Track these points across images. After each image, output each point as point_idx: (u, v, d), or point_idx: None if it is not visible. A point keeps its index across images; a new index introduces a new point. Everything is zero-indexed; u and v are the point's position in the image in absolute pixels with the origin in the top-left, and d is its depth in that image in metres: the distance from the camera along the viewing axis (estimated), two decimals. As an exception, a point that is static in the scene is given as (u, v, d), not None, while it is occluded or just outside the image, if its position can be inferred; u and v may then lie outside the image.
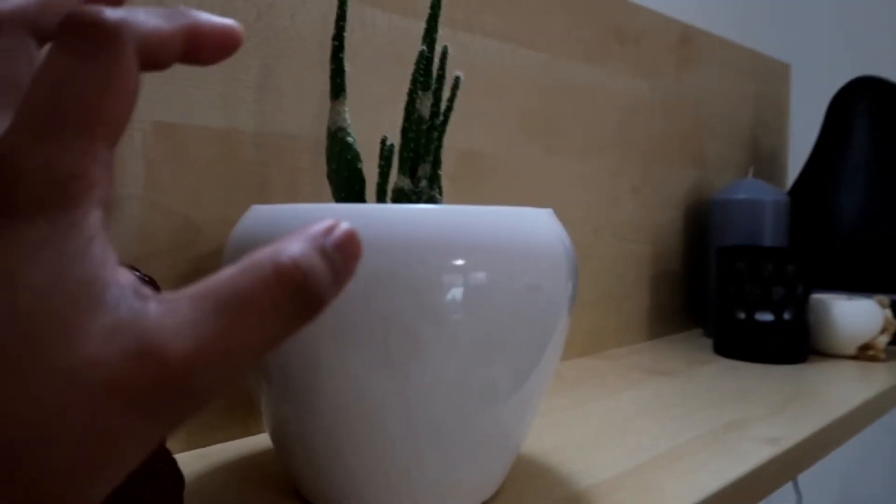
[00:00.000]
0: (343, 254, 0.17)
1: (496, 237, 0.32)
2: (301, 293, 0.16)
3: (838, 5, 1.32)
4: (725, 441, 0.46)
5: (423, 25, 0.38)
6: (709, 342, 0.80)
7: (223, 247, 0.43)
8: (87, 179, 0.15)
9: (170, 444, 0.41)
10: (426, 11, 0.37)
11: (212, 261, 0.43)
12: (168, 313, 0.14)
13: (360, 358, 0.31)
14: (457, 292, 0.31)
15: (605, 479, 0.39)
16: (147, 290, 0.15)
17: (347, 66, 0.37)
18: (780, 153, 1.10)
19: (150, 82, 0.40)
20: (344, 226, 0.17)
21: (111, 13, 0.16)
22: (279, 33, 0.46)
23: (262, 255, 0.16)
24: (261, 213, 0.34)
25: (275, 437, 0.36)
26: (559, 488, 0.38)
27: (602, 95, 0.73)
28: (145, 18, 0.17)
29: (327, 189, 0.48)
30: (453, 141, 0.58)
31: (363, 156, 0.38)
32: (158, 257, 0.40)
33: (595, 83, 0.72)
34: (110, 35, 0.16)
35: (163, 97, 0.40)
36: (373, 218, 0.30)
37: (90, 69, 0.16)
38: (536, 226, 0.34)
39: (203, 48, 0.18)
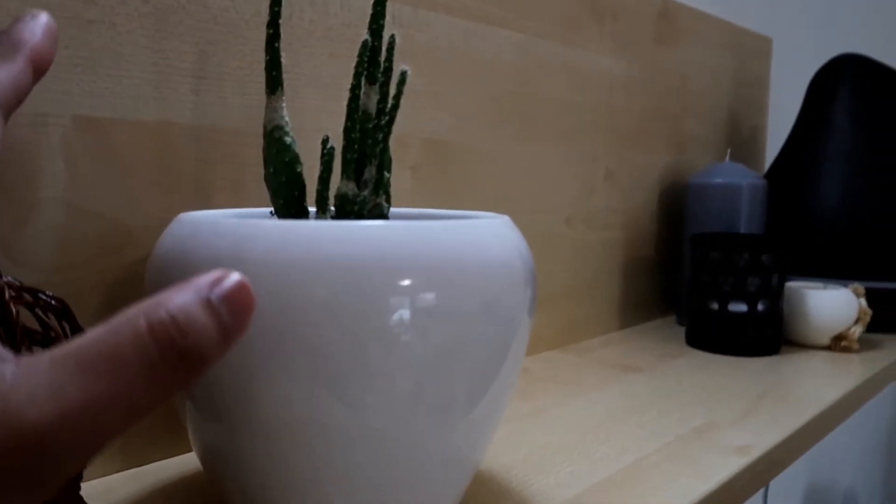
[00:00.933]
0: (232, 307, 0.16)
1: (446, 254, 0.29)
2: (177, 351, 0.14)
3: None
4: (694, 451, 0.44)
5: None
6: (681, 331, 0.79)
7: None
8: None
9: (104, 464, 0.38)
10: None
11: (142, 267, 0.39)
12: (25, 376, 0.13)
13: (300, 381, 0.28)
14: (404, 313, 0.28)
15: (566, 500, 0.37)
16: (5, 354, 0.14)
17: (284, 58, 0.33)
18: (759, 132, 1.08)
19: (68, 72, 0.36)
20: (234, 277, 0.16)
21: None
22: (217, 16, 0.42)
23: (138, 308, 0.15)
24: (183, 225, 0.31)
25: (204, 461, 0.34)
26: (517, 513, 0.36)
27: (577, 76, 0.70)
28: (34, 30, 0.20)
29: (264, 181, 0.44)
30: (416, 129, 0.54)
31: (312, 147, 0.35)
32: (83, 266, 0.37)
33: (570, 63, 0.69)
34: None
35: (83, 89, 0.36)
36: (311, 237, 0.27)
37: None
38: (490, 239, 0.31)
39: (48, 57, 0.19)
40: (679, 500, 0.38)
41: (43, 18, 0.24)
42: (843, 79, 0.82)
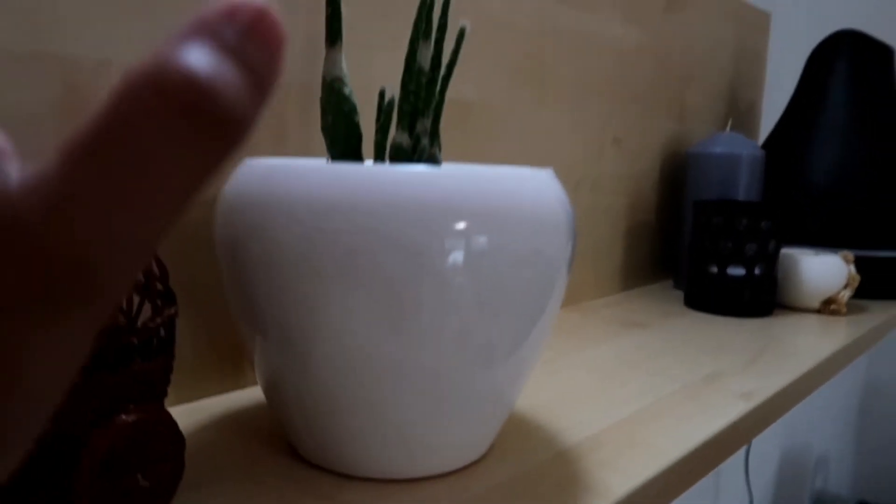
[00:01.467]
0: (256, 44, 0.12)
1: (498, 200, 0.31)
2: (201, 116, 0.11)
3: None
4: (704, 395, 0.48)
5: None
6: (679, 294, 0.82)
7: (208, 197, 0.41)
8: None
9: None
10: None
11: (197, 212, 0.41)
12: (34, 187, 0.10)
13: (360, 315, 0.30)
14: (458, 255, 0.30)
15: (592, 435, 0.40)
16: (8, 162, 0.11)
17: (345, 9, 0.35)
18: (756, 105, 1.11)
19: (128, 17, 0.37)
20: (251, 2, 0.12)
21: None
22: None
23: (140, 71, 0.11)
24: (253, 169, 0.32)
25: (269, 393, 0.36)
26: (549, 445, 0.39)
27: (591, 41, 0.72)
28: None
29: (317, 141, 0.46)
30: (441, 89, 0.56)
31: (360, 103, 0.37)
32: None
33: (584, 29, 0.70)
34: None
35: (142, 35, 0.38)
36: (374, 180, 0.29)
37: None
38: (538, 189, 0.33)
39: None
40: (693, 437, 0.41)
41: None
42: (839, 54, 0.85)
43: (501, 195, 0.32)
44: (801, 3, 1.24)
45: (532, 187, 0.33)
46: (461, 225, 0.30)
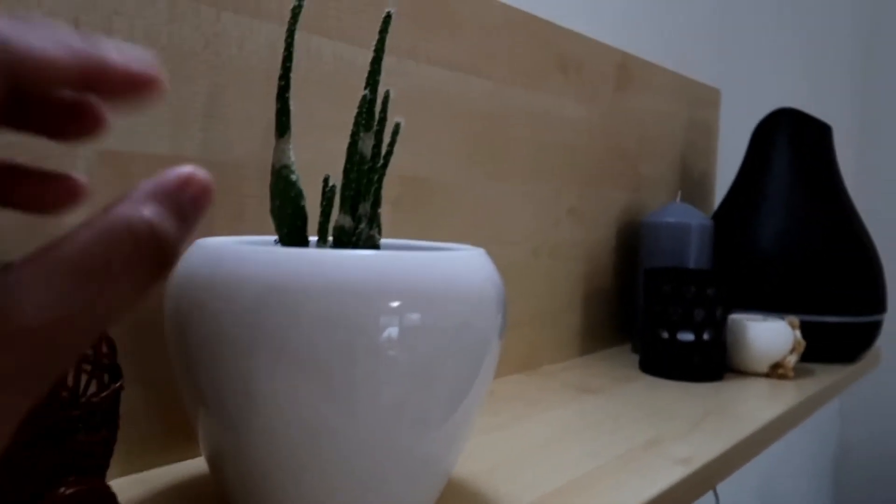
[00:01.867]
0: (196, 207, 0.17)
1: (430, 280, 0.34)
2: (156, 256, 0.16)
3: (766, 36, 1.39)
4: (643, 460, 0.50)
5: (367, 54, 0.40)
6: (636, 358, 0.85)
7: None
8: None
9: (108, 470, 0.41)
10: (371, 39, 0.38)
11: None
12: (22, 284, 0.15)
13: (297, 390, 0.32)
14: (392, 331, 0.33)
15: (532, 502, 0.42)
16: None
17: (293, 105, 0.38)
18: (709, 175, 1.16)
19: (95, 110, 0.40)
20: (200, 178, 0.17)
21: None
22: (226, 63, 0.47)
23: (116, 216, 0.16)
24: (201, 250, 0.35)
25: (211, 463, 0.38)
26: (486, 511, 0.40)
27: (544, 120, 0.76)
28: (35, 38, 0.16)
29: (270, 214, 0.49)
30: (396, 167, 0.59)
31: (307, 182, 0.40)
32: (99, 283, 0.41)
33: (537, 109, 0.75)
34: None
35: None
36: (316, 263, 0.32)
37: None
38: (468, 268, 0.36)
39: (109, 87, 0.17)
40: (630, 501, 0.43)
41: None
42: (780, 130, 0.91)
43: (433, 274, 0.34)
44: (748, 80, 1.32)
45: (462, 267, 0.36)
46: (395, 303, 0.33)
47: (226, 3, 0.46)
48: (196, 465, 0.45)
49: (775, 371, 0.77)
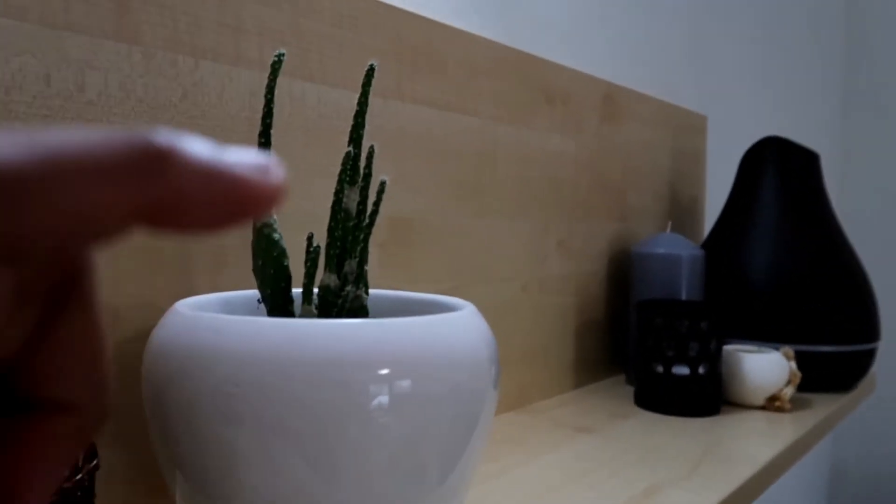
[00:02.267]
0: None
1: (419, 347, 0.32)
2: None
3: (752, 63, 1.40)
4: (642, 512, 0.48)
5: (351, 96, 0.39)
6: (630, 391, 0.83)
7: (143, 331, 0.42)
8: None
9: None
10: (354, 81, 0.37)
11: (132, 346, 0.42)
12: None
13: (281, 459, 0.31)
14: (383, 399, 0.31)
15: (527, 564, 0.40)
16: None
17: (276, 152, 0.37)
18: (697, 202, 1.16)
19: (68, 168, 0.39)
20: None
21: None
22: (206, 112, 0.45)
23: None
24: (180, 317, 0.33)
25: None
26: (482, 577, 0.39)
27: (531, 154, 0.75)
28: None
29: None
30: (383, 209, 0.58)
31: (289, 229, 0.38)
32: (73, 347, 0.39)
33: (523, 143, 0.74)
34: None
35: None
36: (300, 334, 0.30)
37: None
38: (457, 329, 0.35)
39: (188, 213, 0.13)
40: (629, 560, 0.41)
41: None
42: (767, 159, 0.91)
43: (422, 340, 0.33)
44: (734, 106, 1.32)
45: (452, 328, 0.35)
46: (384, 371, 0.31)
47: (204, 51, 0.45)
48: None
49: (772, 404, 0.76)
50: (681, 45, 1.14)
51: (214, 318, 0.32)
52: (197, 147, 0.12)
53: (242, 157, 0.13)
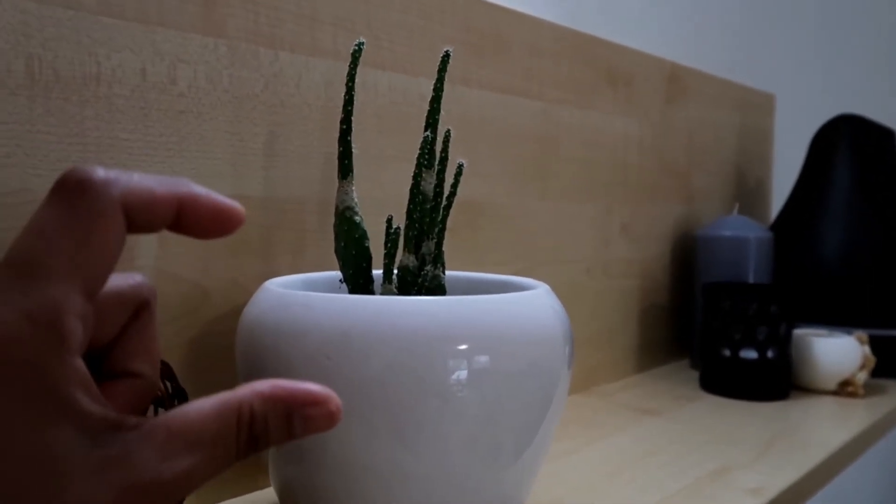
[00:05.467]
0: (308, 429, 0.20)
1: (497, 322, 0.34)
2: (255, 444, 0.20)
3: (821, 39, 1.35)
4: (711, 492, 0.48)
5: (421, 83, 0.40)
6: (695, 375, 0.83)
7: (231, 310, 0.45)
8: (59, 329, 0.17)
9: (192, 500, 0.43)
10: (425, 69, 0.38)
11: (220, 324, 0.44)
12: (147, 442, 0.18)
13: (369, 431, 0.33)
14: (461, 374, 0.33)
15: (599, 537, 0.41)
16: (131, 420, 0.19)
17: (355, 148, 0.38)
18: (765, 184, 1.13)
19: (162, 156, 0.41)
20: (327, 407, 0.21)
21: (100, 172, 0.18)
22: (284, 101, 0.47)
23: (234, 400, 0.19)
24: (271, 294, 0.36)
25: (281, 495, 0.38)
26: (555, 548, 0.40)
27: (594, 137, 0.75)
28: (139, 181, 0.19)
29: (332, 249, 0.50)
30: (450, 192, 0.60)
31: (368, 213, 0.40)
32: (169, 323, 0.42)
33: (587, 126, 0.74)
34: (94, 191, 0.18)
35: (173, 170, 0.42)
36: (385, 311, 0.32)
37: (71, 222, 0.18)
38: (533, 307, 0.36)
39: (197, 222, 0.20)
40: (700, 537, 0.42)
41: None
42: (840, 138, 0.88)
43: (499, 317, 0.34)
44: (804, 84, 1.28)
45: (527, 306, 0.36)
46: (463, 346, 0.33)
47: (283, 43, 0.47)
48: (267, 496, 0.45)
49: (844, 389, 0.75)
50: (746, 21, 1.11)
51: (305, 296, 0.34)
52: (197, 188, 0.20)
53: (215, 196, 0.21)
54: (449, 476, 0.34)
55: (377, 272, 0.40)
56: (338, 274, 0.41)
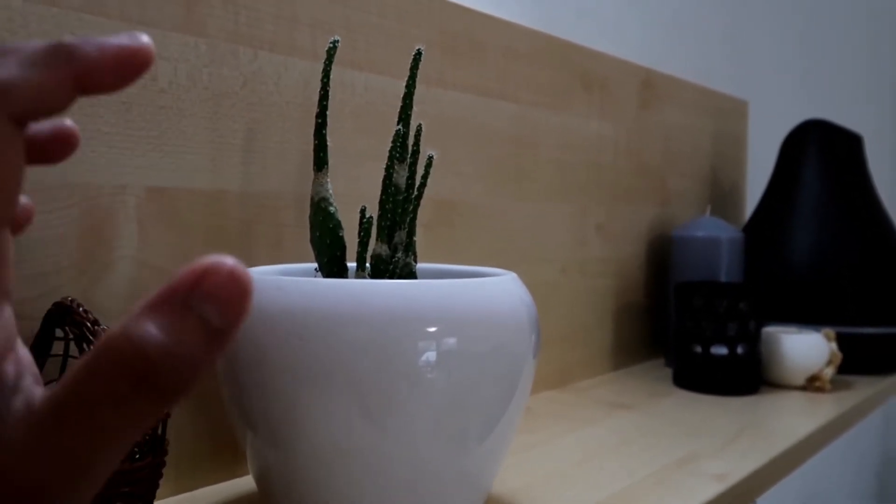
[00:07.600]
0: (220, 305, 0.14)
1: (465, 306, 0.35)
2: (146, 385, 0.13)
3: (794, 48, 1.39)
4: (677, 477, 0.50)
5: (397, 84, 0.41)
6: (669, 373, 0.85)
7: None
8: None
9: (158, 490, 0.43)
10: (399, 69, 0.40)
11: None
12: (15, 438, 0.14)
13: (341, 412, 0.34)
14: (430, 355, 0.34)
15: (566, 519, 0.43)
16: (25, 388, 0.16)
17: (330, 142, 0.40)
18: (738, 187, 1.16)
19: (143, 149, 0.43)
20: (220, 267, 0.14)
21: None
22: (263, 99, 0.49)
23: (110, 340, 0.13)
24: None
25: (259, 483, 0.39)
26: (523, 529, 0.41)
27: (569, 140, 0.77)
28: (19, 75, 0.16)
29: (309, 242, 0.51)
30: (427, 192, 0.61)
31: (343, 209, 0.41)
32: (149, 313, 0.43)
33: (562, 129, 0.76)
34: None
35: (154, 164, 0.43)
36: (356, 293, 0.33)
37: None
38: (501, 292, 0.37)
39: (102, 79, 0.16)
40: (664, 519, 0.43)
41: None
42: (809, 142, 0.91)
43: (467, 300, 0.36)
44: (777, 91, 1.31)
45: (494, 292, 0.37)
46: (432, 328, 0.34)
47: (262, 42, 0.49)
48: (245, 484, 0.46)
49: (812, 384, 0.77)
50: (720, 29, 1.14)
51: (278, 279, 0.35)
52: (91, 39, 0.16)
53: (119, 37, 0.17)
54: (415, 457, 0.35)
55: (352, 265, 0.42)
56: (314, 264, 0.43)
